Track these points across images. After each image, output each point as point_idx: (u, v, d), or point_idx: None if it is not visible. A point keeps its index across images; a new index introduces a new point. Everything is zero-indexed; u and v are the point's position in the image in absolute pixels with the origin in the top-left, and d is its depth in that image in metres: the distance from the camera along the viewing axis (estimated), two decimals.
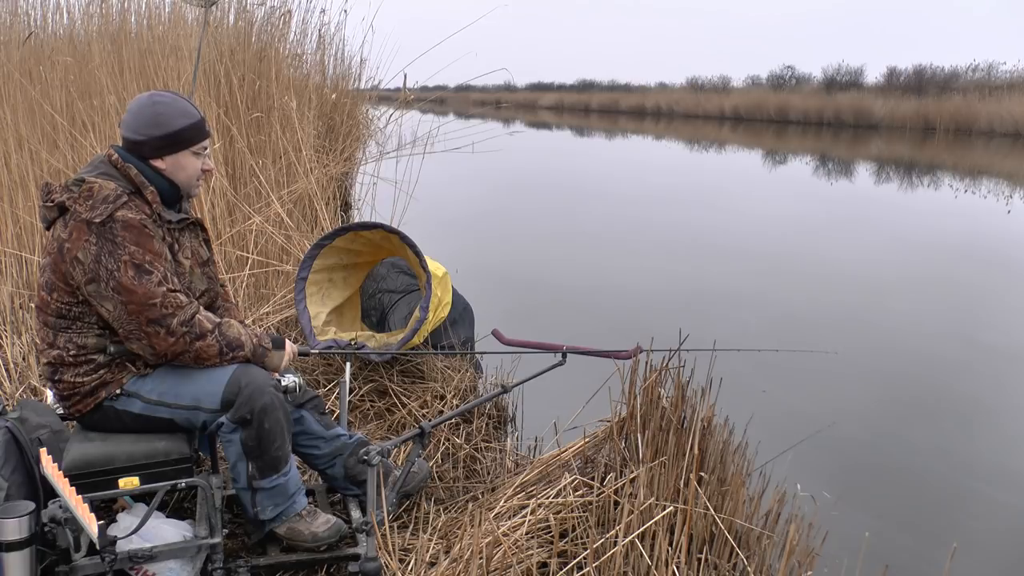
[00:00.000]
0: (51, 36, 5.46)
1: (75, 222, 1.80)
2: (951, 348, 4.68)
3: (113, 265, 1.79)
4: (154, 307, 1.82)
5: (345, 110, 7.58)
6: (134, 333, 1.85)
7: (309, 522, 2.09)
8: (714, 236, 8.05)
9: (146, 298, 1.81)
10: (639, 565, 1.90)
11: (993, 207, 10.31)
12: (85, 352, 1.89)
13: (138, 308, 1.81)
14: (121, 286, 1.80)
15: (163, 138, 1.92)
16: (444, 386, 3.26)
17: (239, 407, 1.92)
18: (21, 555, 1.59)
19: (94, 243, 1.79)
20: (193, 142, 1.96)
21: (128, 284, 1.80)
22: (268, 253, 4.39)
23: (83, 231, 1.80)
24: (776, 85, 34.57)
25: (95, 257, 1.79)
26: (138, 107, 1.93)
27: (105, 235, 1.79)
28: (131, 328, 1.84)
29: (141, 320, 1.82)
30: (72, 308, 1.88)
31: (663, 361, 2.50)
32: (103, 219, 1.79)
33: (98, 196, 1.81)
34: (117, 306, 1.82)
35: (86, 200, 1.81)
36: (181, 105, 1.96)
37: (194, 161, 1.98)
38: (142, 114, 1.92)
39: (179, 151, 1.95)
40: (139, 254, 1.81)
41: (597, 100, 44.83)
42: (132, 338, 1.86)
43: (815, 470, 3.03)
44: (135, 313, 1.82)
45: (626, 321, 4.96)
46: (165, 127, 1.91)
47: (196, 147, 1.98)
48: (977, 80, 27.63)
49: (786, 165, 16.34)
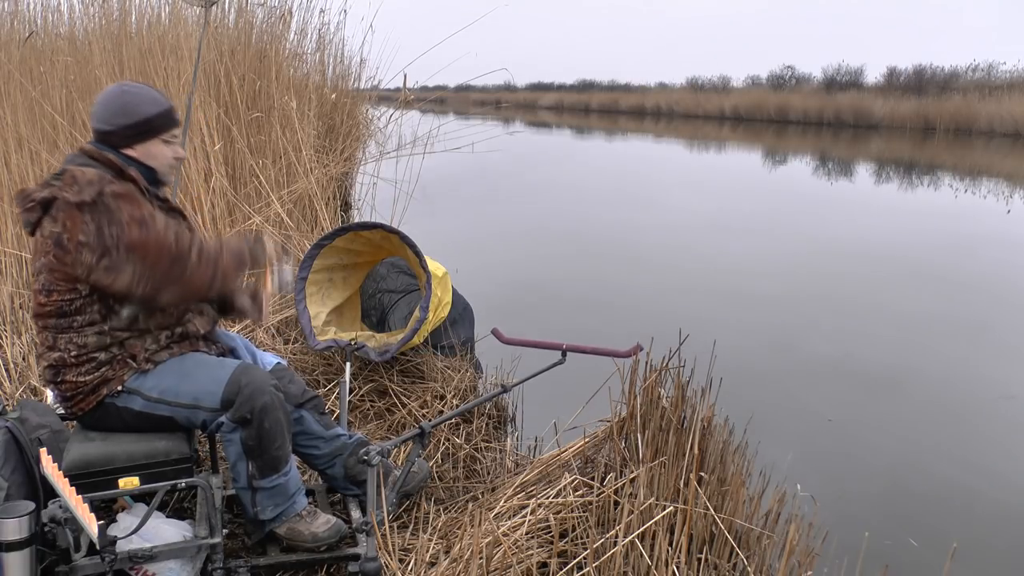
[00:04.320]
0: (51, 36, 5.46)
1: (66, 210, 1.79)
2: (951, 348, 4.68)
3: (117, 230, 1.78)
4: (170, 249, 1.81)
5: (345, 110, 7.58)
6: (163, 283, 1.83)
7: (309, 522, 2.09)
8: (714, 236, 8.05)
9: (159, 244, 1.80)
10: (639, 565, 1.90)
11: (993, 207, 10.32)
12: (86, 351, 1.89)
13: (156, 256, 1.80)
14: (132, 244, 1.78)
15: (132, 126, 1.92)
16: (444, 386, 3.26)
17: (239, 406, 1.92)
18: (21, 555, 1.59)
19: (91, 220, 1.78)
20: (163, 130, 1.96)
21: (138, 239, 1.79)
22: None
23: (77, 214, 1.78)
24: (776, 85, 34.56)
25: (97, 231, 1.78)
26: (107, 97, 1.93)
27: (99, 209, 1.78)
28: (159, 280, 1.82)
29: (164, 266, 1.81)
30: (73, 303, 1.86)
31: (663, 361, 2.50)
32: (93, 197, 1.78)
33: (83, 180, 1.80)
34: (136, 266, 1.80)
35: (71, 186, 1.79)
36: (150, 93, 1.96)
37: (165, 149, 1.98)
38: (111, 104, 1.92)
39: (149, 139, 1.94)
40: (137, 212, 1.81)
41: (597, 100, 44.79)
42: (164, 290, 1.84)
43: (815, 470, 3.03)
44: (155, 263, 1.81)
45: (626, 321, 4.97)
46: (134, 115, 1.91)
47: (166, 135, 1.97)
48: (977, 80, 27.62)
49: (786, 165, 16.34)
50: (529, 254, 7.13)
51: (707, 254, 7.22)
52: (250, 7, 5.70)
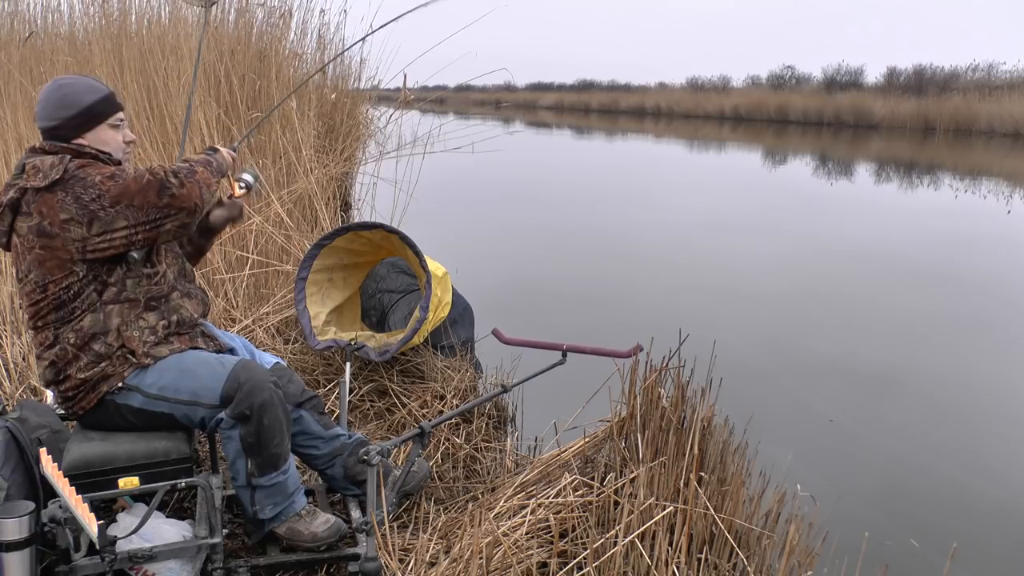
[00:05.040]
0: (51, 36, 5.47)
1: (37, 199, 1.81)
2: (951, 348, 4.68)
3: (94, 191, 1.80)
4: (149, 182, 1.84)
5: (345, 110, 7.57)
6: (160, 215, 1.85)
7: (308, 522, 2.09)
8: (714, 236, 8.05)
9: (137, 183, 1.83)
10: (639, 565, 1.90)
11: (993, 207, 10.31)
12: (83, 335, 1.89)
13: (140, 195, 1.83)
14: (113, 196, 1.81)
15: (75, 116, 1.92)
16: (444, 386, 3.26)
17: (239, 402, 1.92)
18: (21, 555, 1.59)
19: (67, 195, 1.80)
20: (107, 115, 1.96)
21: (117, 190, 1.81)
22: (268, 253, 4.39)
23: (50, 198, 1.80)
24: (776, 85, 34.57)
25: (76, 202, 1.79)
26: (45, 95, 1.94)
27: (68, 182, 1.80)
28: (153, 215, 1.85)
29: (151, 200, 1.83)
30: (71, 288, 1.87)
31: (663, 361, 2.50)
32: (59, 175, 1.80)
33: (45, 166, 1.82)
34: (127, 212, 1.82)
35: (36, 175, 1.81)
36: (86, 82, 1.97)
37: (113, 134, 1.98)
38: (50, 99, 1.93)
39: (95, 126, 1.95)
40: (106, 170, 1.85)
41: (597, 100, 44.79)
42: (163, 222, 1.87)
43: (815, 470, 3.03)
44: (143, 201, 1.83)
45: (626, 321, 4.97)
46: (75, 105, 1.92)
47: (112, 119, 1.97)
48: (977, 80, 27.64)
49: (786, 165, 16.34)
50: (529, 254, 7.13)
51: (707, 254, 7.22)
52: (250, 7, 5.70)
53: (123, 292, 1.92)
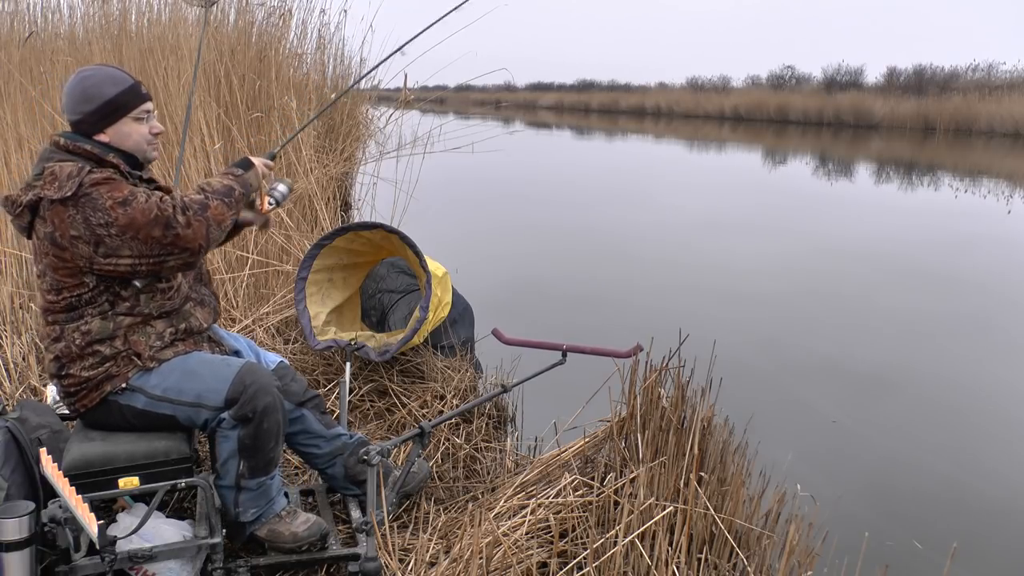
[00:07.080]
0: (51, 36, 5.47)
1: (51, 209, 1.79)
2: (951, 348, 4.68)
3: (103, 216, 1.77)
4: (156, 217, 1.80)
5: (345, 110, 7.58)
6: (162, 252, 1.83)
7: (289, 522, 2.07)
8: (714, 236, 8.05)
9: (145, 216, 1.79)
10: (639, 565, 1.90)
11: (993, 207, 10.31)
12: (89, 339, 1.88)
13: (147, 230, 1.79)
14: (121, 226, 1.78)
15: (97, 111, 1.89)
16: (444, 386, 3.26)
17: (243, 404, 1.92)
18: (21, 555, 1.59)
19: (77, 213, 1.78)
20: (130, 107, 1.92)
21: (125, 219, 1.78)
22: (268, 253, 4.39)
23: (62, 211, 1.78)
24: (776, 85, 34.56)
25: (85, 223, 1.77)
26: (69, 88, 1.91)
27: (81, 201, 1.78)
28: (156, 250, 1.82)
29: (155, 236, 1.80)
30: (82, 297, 1.86)
31: (663, 361, 2.50)
32: (74, 191, 1.77)
33: (62, 176, 1.79)
34: (133, 245, 1.80)
35: (52, 183, 1.79)
36: (109, 73, 1.92)
37: (137, 127, 1.94)
38: (73, 93, 1.90)
39: (118, 120, 1.91)
40: (118, 194, 1.80)
41: (597, 100, 44.78)
42: (166, 259, 1.84)
43: (815, 470, 3.03)
44: (147, 236, 1.80)
45: (626, 321, 4.97)
46: (96, 99, 1.88)
47: (136, 112, 1.93)
48: (977, 80, 27.64)
49: (786, 165, 16.34)
50: (529, 254, 7.12)
51: (707, 254, 7.22)
52: (250, 7, 5.70)
53: (136, 307, 1.91)
